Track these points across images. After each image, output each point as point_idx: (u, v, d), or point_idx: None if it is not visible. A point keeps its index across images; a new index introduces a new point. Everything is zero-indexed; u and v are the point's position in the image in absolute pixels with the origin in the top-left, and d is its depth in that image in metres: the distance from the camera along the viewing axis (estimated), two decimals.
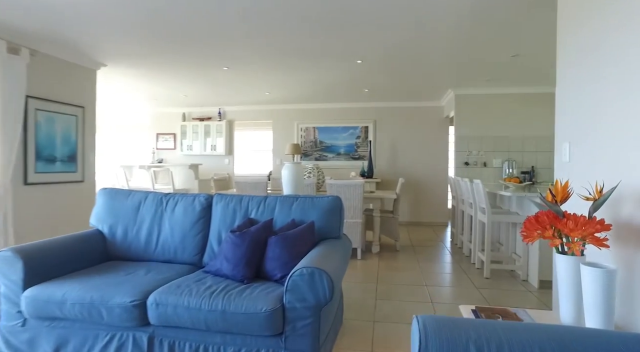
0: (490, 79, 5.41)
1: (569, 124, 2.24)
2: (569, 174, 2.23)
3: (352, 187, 4.43)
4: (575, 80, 2.16)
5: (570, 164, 2.22)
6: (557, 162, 2.41)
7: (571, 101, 2.21)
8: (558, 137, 2.40)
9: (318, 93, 6.54)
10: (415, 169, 7.31)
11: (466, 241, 4.75)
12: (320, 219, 2.45)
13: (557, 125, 2.42)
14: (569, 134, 2.25)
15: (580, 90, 2.09)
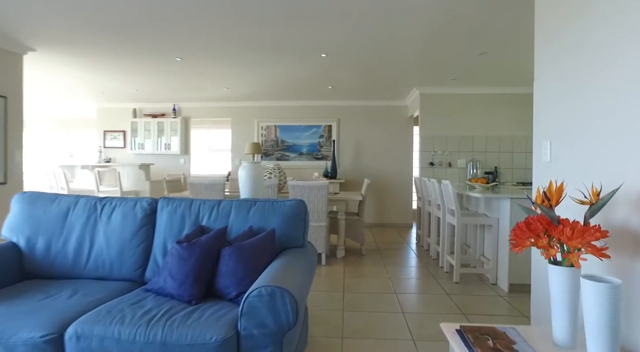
0: (455, 78, 5.34)
1: (550, 121, 2.09)
2: (550, 175, 2.07)
3: (316, 188, 4.17)
4: (558, 72, 2.01)
5: (552, 165, 2.06)
6: (536, 163, 2.26)
7: (552, 95, 2.06)
8: (537, 135, 2.25)
9: (280, 90, 6.23)
10: (379, 169, 7.17)
11: (433, 243, 4.62)
12: (282, 225, 2.16)
13: (536, 123, 2.27)
14: (549, 132, 2.09)
15: (564, 83, 1.93)
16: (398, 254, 4.89)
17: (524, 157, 5.82)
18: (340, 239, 4.62)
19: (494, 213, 3.70)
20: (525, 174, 5.81)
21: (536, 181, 2.24)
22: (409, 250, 5.12)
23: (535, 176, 2.27)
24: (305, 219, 2.24)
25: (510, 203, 3.36)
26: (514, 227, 1.54)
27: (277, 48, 4.10)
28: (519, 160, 5.82)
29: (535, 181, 2.26)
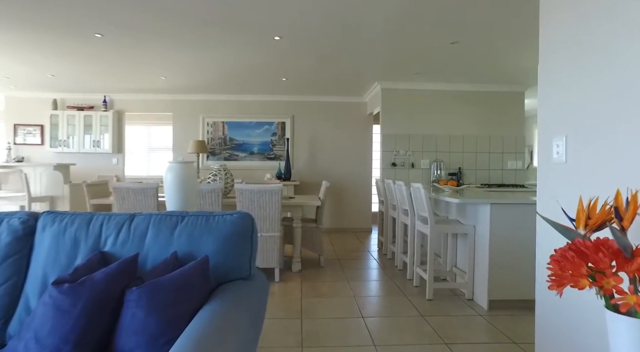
0: (420, 73, 4.96)
1: (564, 111, 1.65)
2: (567, 181, 1.63)
3: (267, 193, 3.56)
4: (577, 45, 1.56)
5: (569, 167, 1.63)
6: (543, 165, 1.83)
7: (568, 77, 1.62)
8: (543, 130, 1.82)
9: (228, 81, 5.54)
10: (337, 170, 6.68)
11: (399, 252, 4.18)
12: (219, 250, 1.55)
13: (542, 114, 1.84)
14: (563, 125, 1.66)
15: (588, 58, 1.49)
16: (360, 264, 4.41)
17: (487, 157, 5.57)
18: (296, 249, 4.05)
19: (469, 220, 3.30)
20: (489, 175, 5.57)
21: (545, 188, 1.80)
22: (371, 259, 4.66)
23: (542, 182, 1.83)
24: (253, 240, 1.65)
25: (490, 209, 2.97)
26: (554, 255, 1.05)
27: (221, 24, 3.45)
28: (482, 161, 5.57)
29: (542, 188, 1.83)
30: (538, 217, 1.88)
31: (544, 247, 1.83)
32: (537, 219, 1.89)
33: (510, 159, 5.60)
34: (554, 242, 1.72)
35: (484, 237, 3.05)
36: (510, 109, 5.61)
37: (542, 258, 1.84)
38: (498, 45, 3.92)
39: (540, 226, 1.85)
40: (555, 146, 1.70)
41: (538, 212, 1.67)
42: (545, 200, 1.80)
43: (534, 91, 5.89)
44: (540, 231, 1.85)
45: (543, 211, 1.82)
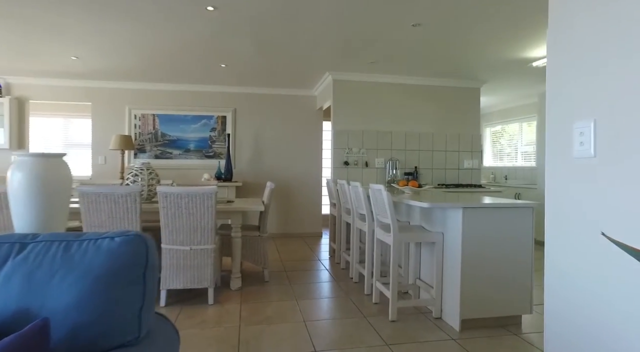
0: (375, 62, 4.52)
1: (594, 83, 1.21)
2: (599, 181, 1.19)
3: (199, 197, 2.90)
4: None
5: (601, 162, 1.19)
6: (554, 160, 1.39)
7: (595, 45, 1.19)
8: (557, 113, 1.37)
9: (157, 67, 4.75)
10: (284, 169, 6.10)
11: (354, 262, 3.69)
12: (82, 301, 0.93)
13: (553, 94, 1.40)
14: (590, 107, 1.22)
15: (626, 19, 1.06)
16: (311, 277, 3.86)
17: (443, 156, 5.28)
18: (235, 263, 3.41)
19: (436, 226, 2.88)
20: (445, 175, 5.28)
21: (558, 191, 1.36)
22: (322, 270, 4.13)
23: (554, 184, 1.39)
24: (146, 278, 1.03)
25: (462, 214, 2.55)
26: None
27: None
28: (439, 160, 5.27)
29: (554, 191, 1.38)
30: (547, 220, 1.43)
31: (558, 259, 1.38)
32: (547, 223, 1.44)
33: (467, 158, 5.35)
34: (569, 252, 1.27)
35: (454, 246, 2.63)
36: (467, 106, 5.37)
37: (558, 269, 1.40)
38: (463, 31, 3.56)
39: (552, 231, 1.40)
40: (578, 135, 1.26)
41: (605, 234, 1.21)
42: (559, 207, 1.35)
43: (488, 88, 5.71)
44: (551, 237, 1.41)
45: (555, 220, 1.38)
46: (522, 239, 2.64)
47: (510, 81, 5.31)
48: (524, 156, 6.70)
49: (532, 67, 4.55)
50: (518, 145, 6.84)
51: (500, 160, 7.31)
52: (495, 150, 7.45)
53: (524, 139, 6.72)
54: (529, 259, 2.66)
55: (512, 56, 4.24)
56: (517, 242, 2.63)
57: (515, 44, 3.86)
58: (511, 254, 2.63)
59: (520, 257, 2.64)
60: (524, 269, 2.65)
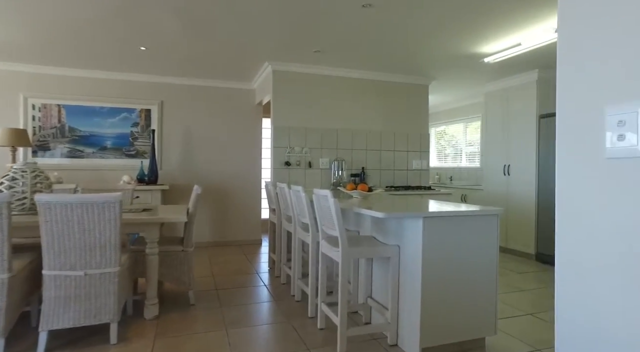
0: (320, 51, 4.07)
1: (635, 52, 0.83)
2: None
3: (96, 207, 2.25)
4: None
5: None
6: (567, 160, 1.00)
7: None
8: (576, 96, 0.99)
9: (61, 47, 3.92)
10: (219, 170, 5.46)
11: (296, 277, 3.21)
12: None
13: (566, 68, 1.01)
14: (634, 84, 0.84)
15: None
16: (246, 296, 3.32)
17: (391, 156, 4.97)
18: (151, 286, 2.78)
19: (391, 237, 2.48)
20: (394, 177, 4.97)
21: (579, 199, 0.97)
22: (260, 287, 3.60)
23: (572, 190, 1.00)
24: None
25: (423, 224, 2.16)
26: None
27: None
28: (387, 161, 4.95)
29: (570, 199, 0.99)
30: (558, 218, 1.04)
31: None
32: (558, 221, 1.05)
33: (415, 158, 5.09)
34: (583, 253, 0.89)
35: (413, 261, 2.24)
36: (416, 104, 5.11)
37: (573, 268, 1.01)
38: (416, 16, 3.21)
39: (564, 232, 1.02)
40: (615, 125, 0.87)
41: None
42: (580, 231, 0.97)
43: (436, 86, 5.51)
44: (563, 239, 1.02)
45: (571, 236, 0.99)
46: (487, 250, 2.32)
47: (459, 78, 5.13)
48: (468, 157, 6.65)
49: (483, 63, 4.37)
50: (462, 146, 6.78)
51: (444, 161, 7.23)
52: (440, 151, 7.37)
53: (468, 140, 6.67)
54: (494, 272, 2.34)
55: (464, 50, 4.01)
56: (482, 253, 2.31)
57: (467, 36, 3.60)
58: (476, 267, 2.29)
59: (486, 270, 2.32)
60: (489, 284, 2.33)
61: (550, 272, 4.20)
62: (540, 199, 4.62)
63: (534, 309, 3.07)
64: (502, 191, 5.11)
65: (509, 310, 3.03)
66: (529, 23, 3.29)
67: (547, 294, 3.45)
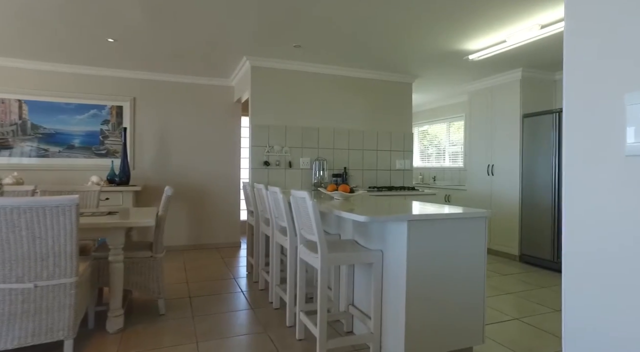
0: (300, 46, 3.90)
1: None
2: None
3: (48, 211, 2.02)
4: None
5: None
6: (576, 159, 0.85)
7: None
8: (588, 84, 0.84)
9: (19, 35, 3.64)
10: (196, 171, 5.23)
11: (274, 283, 3.03)
12: None
13: (578, 42, 0.87)
14: None
15: None
16: (221, 304, 3.12)
17: (374, 156, 4.84)
18: (115, 297, 2.56)
19: (374, 242, 2.33)
20: (376, 177, 4.84)
21: (577, 205, 0.83)
22: (237, 293, 3.41)
23: (575, 204, 0.85)
24: None
25: (407, 228, 2.02)
26: None
27: None
28: (369, 160, 4.82)
29: (573, 205, 0.85)
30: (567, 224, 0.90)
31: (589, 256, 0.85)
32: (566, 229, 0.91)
33: (399, 158, 4.97)
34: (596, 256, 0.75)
35: (397, 268, 2.09)
36: (399, 102, 4.99)
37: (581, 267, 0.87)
38: (400, 9, 3.07)
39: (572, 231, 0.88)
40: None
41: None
42: (594, 225, 0.82)
43: (420, 84, 5.41)
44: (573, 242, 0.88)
45: (583, 243, 0.85)
46: (475, 254, 2.19)
47: (442, 76, 5.04)
48: (451, 157, 6.58)
49: (467, 61, 4.28)
50: (446, 146, 6.72)
51: (427, 161, 7.16)
52: (423, 151, 7.29)
53: (451, 139, 6.60)
54: (481, 277, 2.21)
55: (448, 47, 3.90)
56: (470, 258, 2.18)
57: (451, 32, 3.49)
58: (463, 273, 2.16)
59: (473, 275, 2.19)
60: (476, 290, 2.20)
61: (535, 273, 4.13)
62: (524, 199, 4.57)
63: (520, 313, 2.98)
64: (486, 192, 5.04)
65: (496, 315, 2.92)
66: (514, 19, 3.20)
67: (532, 296, 3.36)
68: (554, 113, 4.24)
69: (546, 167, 4.30)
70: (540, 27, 3.30)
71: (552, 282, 3.82)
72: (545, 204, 4.30)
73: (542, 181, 4.34)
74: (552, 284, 3.77)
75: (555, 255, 4.21)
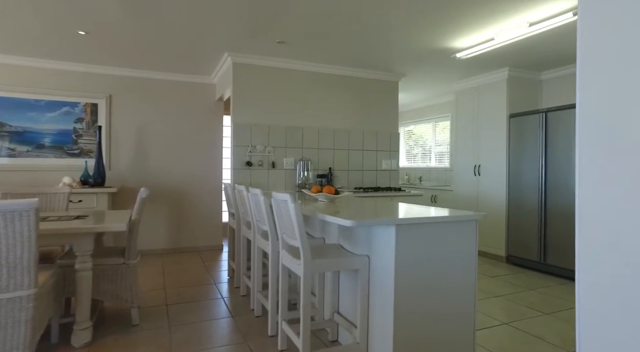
0: (284, 41, 3.75)
1: None
2: None
3: (0, 217, 1.83)
4: None
5: None
6: (592, 158, 0.74)
7: None
8: (606, 67, 0.73)
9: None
10: (176, 171, 5.03)
11: (256, 290, 2.88)
12: None
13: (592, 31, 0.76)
14: None
15: None
16: (200, 311, 2.95)
17: (360, 156, 4.72)
18: (82, 308, 2.37)
19: (360, 247, 2.20)
20: (362, 178, 4.73)
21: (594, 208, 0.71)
22: (217, 299, 3.24)
23: (588, 196, 0.74)
24: None
25: (395, 233, 1.90)
26: None
27: None
28: (355, 161, 4.70)
29: (589, 208, 0.74)
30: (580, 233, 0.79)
31: None
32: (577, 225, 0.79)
33: (385, 158, 4.87)
34: None
35: (384, 274, 1.98)
36: (385, 101, 4.89)
37: None
38: (387, 5, 2.96)
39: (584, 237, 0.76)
40: None
41: None
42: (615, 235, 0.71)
43: (406, 83, 5.32)
44: None
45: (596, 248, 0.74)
46: (465, 259, 2.09)
47: (429, 75, 4.96)
48: (437, 157, 6.52)
49: (454, 59, 4.20)
50: (432, 146, 6.66)
51: (413, 161, 7.09)
52: (409, 151, 7.22)
53: (437, 140, 6.55)
54: (472, 283, 2.11)
55: (435, 44, 3.81)
56: (460, 263, 2.07)
57: (438, 29, 3.40)
58: (453, 279, 2.05)
59: (464, 281, 2.08)
60: (467, 298, 2.09)
61: (522, 275, 4.08)
62: (510, 200, 4.52)
63: (509, 317, 2.90)
64: (473, 192, 4.98)
65: (485, 319, 2.84)
66: (503, 17, 3.12)
67: (520, 299, 3.29)
68: (540, 113, 4.19)
69: (533, 167, 4.25)
70: (528, 25, 3.23)
71: (539, 284, 3.76)
72: (532, 205, 4.26)
73: (528, 181, 4.29)
74: (539, 286, 3.72)
75: (542, 256, 4.17)
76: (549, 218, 4.09)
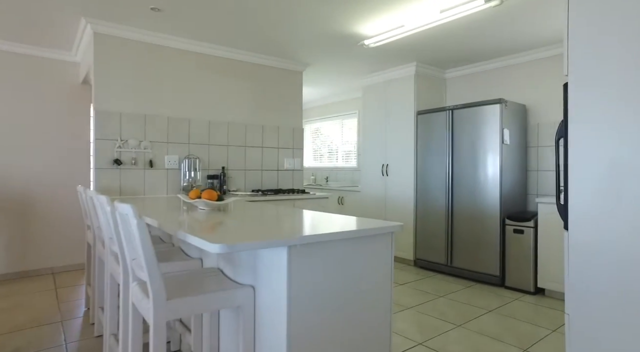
0: (159, 9, 3.00)
1: None
2: None
3: None
4: None
5: None
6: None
7: None
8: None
9: None
10: (21, 172, 3.91)
11: (108, 332, 2.12)
12: None
13: None
14: None
15: None
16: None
17: (259, 154, 4.14)
18: None
19: (243, 273, 1.62)
20: (262, 179, 4.15)
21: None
22: (58, 347, 2.38)
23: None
24: None
25: (288, 256, 1.36)
26: None
27: None
28: (253, 159, 4.10)
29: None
30: None
31: None
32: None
33: (287, 156, 4.35)
34: None
35: (275, 311, 1.42)
36: (288, 92, 4.37)
37: None
38: None
39: None
40: None
41: None
42: None
43: (311, 74, 4.87)
44: None
45: None
46: (379, 279, 1.64)
47: (336, 66, 4.57)
48: (344, 156, 6.23)
49: (362, 48, 3.84)
50: (339, 144, 6.35)
51: (320, 160, 6.72)
52: (316, 150, 6.84)
53: (344, 138, 6.26)
54: (387, 307, 1.67)
55: (341, 29, 3.39)
56: (373, 287, 1.62)
57: (344, 10, 2.97)
58: (364, 305, 1.59)
59: (377, 306, 1.63)
60: (381, 325, 1.65)
61: (430, 279, 3.88)
62: (418, 200, 4.33)
63: (423, 335, 2.57)
64: (380, 192, 4.72)
65: (400, 342, 2.46)
66: (414, 0, 2.81)
67: (431, 310, 3.02)
68: (447, 111, 4.05)
69: (441, 167, 4.10)
70: (440, 12, 2.97)
71: (448, 289, 3.58)
72: (439, 206, 4.10)
73: (436, 180, 4.13)
74: (448, 291, 3.53)
75: (449, 259, 4.03)
76: (456, 219, 3.96)
